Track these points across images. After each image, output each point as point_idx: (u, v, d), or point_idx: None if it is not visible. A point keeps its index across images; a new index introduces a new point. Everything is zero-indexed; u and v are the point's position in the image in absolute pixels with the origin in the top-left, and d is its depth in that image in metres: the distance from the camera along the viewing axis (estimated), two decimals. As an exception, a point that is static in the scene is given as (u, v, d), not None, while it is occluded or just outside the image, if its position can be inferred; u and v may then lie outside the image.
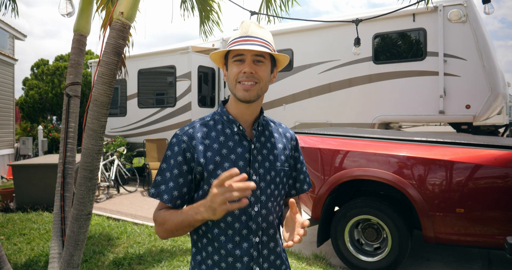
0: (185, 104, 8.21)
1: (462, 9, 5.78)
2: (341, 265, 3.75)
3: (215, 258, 1.20)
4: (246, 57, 1.18)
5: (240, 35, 1.20)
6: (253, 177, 1.21)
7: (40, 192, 6.02)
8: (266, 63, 1.21)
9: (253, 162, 1.22)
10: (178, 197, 1.18)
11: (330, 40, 6.89)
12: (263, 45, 1.18)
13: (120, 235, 4.66)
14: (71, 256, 2.35)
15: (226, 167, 1.18)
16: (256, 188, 1.19)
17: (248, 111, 1.24)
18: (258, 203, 1.21)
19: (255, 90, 1.18)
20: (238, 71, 1.18)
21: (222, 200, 0.98)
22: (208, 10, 4.72)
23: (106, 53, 2.24)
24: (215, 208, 1.00)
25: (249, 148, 1.23)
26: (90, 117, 2.26)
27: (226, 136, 1.22)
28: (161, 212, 1.19)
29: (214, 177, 1.17)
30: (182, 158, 1.19)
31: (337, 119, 6.84)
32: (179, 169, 1.18)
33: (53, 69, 16.24)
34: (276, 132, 1.33)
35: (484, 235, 3.21)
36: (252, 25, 1.22)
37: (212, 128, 1.23)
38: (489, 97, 5.68)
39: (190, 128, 1.23)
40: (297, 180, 1.39)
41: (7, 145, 10.98)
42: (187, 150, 1.19)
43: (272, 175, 1.25)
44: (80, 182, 2.30)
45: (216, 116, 1.27)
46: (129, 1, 2.26)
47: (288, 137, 1.35)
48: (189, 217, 1.09)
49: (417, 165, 3.42)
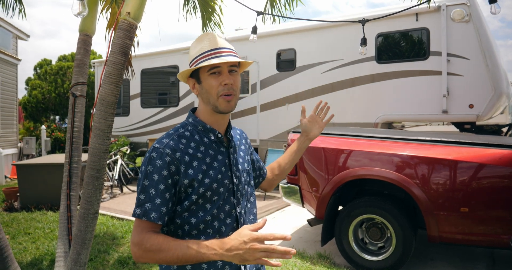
0: (188, 104, 8.24)
1: (465, 8, 5.77)
2: (345, 264, 3.76)
3: (203, 267, 1.20)
4: (223, 69, 1.21)
5: (210, 47, 1.22)
6: (234, 180, 1.27)
7: (44, 192, 6.05)
8: (238, 71, 1.27)
9: (232, 166, 1.28)
10: (166, 213, 1.14)
11: (333, 39, 6.89)
12: (234, 55, 1.23)
13: (125, 234, 4.68)
14: (78, 255, 2.37)
15: (212, 174, 1.21)
16: (236, 190, 1.26)
17: (223, 120, 1.29)
18: (239, 204, 1.27)
19: (233, 101, 1.24)
20: (218, 84, 1.21)
21: (261, 256, 1.00)
22: (210, 11, 4.74)
23: (113, 53, 2.26)
24: (248, 260, 1.01)
25: (227, 153, 1.28)
26: (97, 116, 2.28)
27: (205, 145, 1.24)
28: (152, 238, 1.10)
29: (203, 186, 1.18)
30: (167, 172, 1.14)
31: (340, 118, 6.83)
32: (164, 184, 1.14)
33: (56, 69, 16.29)
34: (236, 134, 1.41)
35: (488, 235, 3.21)
36: (217, 37, 1.26)
37: (190, 139, 1.23)
38: (493, 96, 5.67)
39: (169, 140, 1.19)
40: (260, 168, 1.53)
41: (11, 144, 11.03)
42: (172, 163, 1.15)
43: (245, 176, 1.32)
44: (87, 181, 2.32)
45: (189, 126, 1.26)
46: (136, 1, 2.28)
47: (244, 137, 1.45)
48: (202, 256, 1.05)
49: (421, 164, 3.43)
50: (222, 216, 1.22)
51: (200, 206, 1.19)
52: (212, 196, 1.20)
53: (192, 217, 1.19)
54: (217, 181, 1.21)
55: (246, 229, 1.04)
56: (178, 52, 8.41)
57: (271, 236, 1.00)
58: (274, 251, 0.99)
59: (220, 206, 1.22)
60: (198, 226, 1.19)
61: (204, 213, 1.19)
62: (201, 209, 1.19)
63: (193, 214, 1.19)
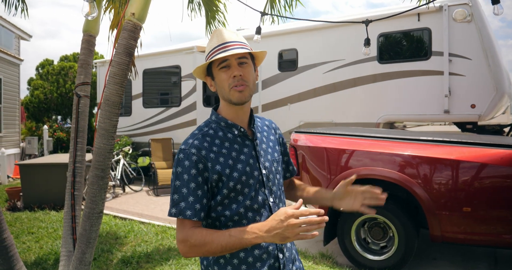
0: (190, 104, 8.25)
1: (467, 8, 5.77)
2: (348, 263, 3.77)
3: (241, 255, 1.24)
4: (231, 62, 1.24)
5: (218, 43, 1.26)
6: (263, 171, 1.29)
7: (47, 191, 6.07)
8: (249, 63, 1.28)
9: (259, 158, 1.30)
10: (201, 209, 1.20)
11: (335, 40, 6.90)
12: (242, 47, 1.25)
13: (127, 234, 4.70)
14: (83, 254, 2.38)
15: (240, 168, 1.25)
16: (267, 181, 1.29)
17: (242, 112, 1.32)
18: (271, 194, 1.30)
19: (246, 91, 1.25)
20: (228, 77, 1.24)
21: (300, 230, 1.04)
22: (214, 10, 4.75)
23: (118, 53, 2.28)
24: (288, 237, 1.06)
25: (253, 146, 1.31)
26: (102, 116, 2.29)
27: (230, 140, 1.28)
28: (195, 233, 1.17)
29: (232, 180, 1.22)
30: (195, 171, 1.20)
31: (341, 118, 6.84)
32: (195, 182, 1.19)
33: (58, 69, 16.32)
34: (264, 125, 1.43)
35: (490, 234, 3.22)
36: (225, 31, 1.29)
37: (214, 136, 1.27)
38: (495, 96, 5.67)
39: (194, 140, 1.24)
40: (289, 163, 1.52)
41: (13, 144, 11.07)
42: (199, 161, 1.20)
43: (274, 166, 1.35)
44: (92, 181, 2.33)
45: (212, 124, 1.31)
46: (140, 2, 2.29)
47: (273, 127, 1.46)
48: (244, 241, 1.11)
49: (423, 164, 3.44)
50: (256, 207, 1.25)
51: (232, 199, 1.23)
52: (243, 189, 1.24)
53: (226, 210, 1.23)
54: (245, 173, 1.25)
55: (282, 209, 1.08)
56: (180, 52, 8.43)
57: (306, 211, 1.05)
58: (311, 223, 1.04)
59: (253, 197, 1.25)
60: (233, 218, 1.23)
61: (237, 205, 1.23)
62: (234, 202, 1.24)
63: (227, 207, 1.23)
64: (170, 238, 4.48)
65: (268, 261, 1.25)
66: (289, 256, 1.33)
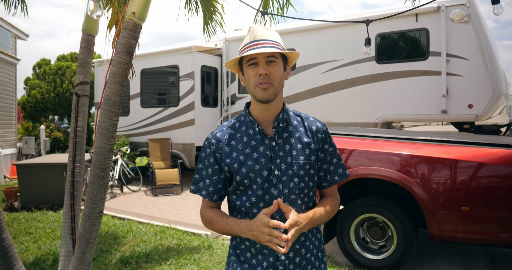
0: (188, 104, 8.24)
1: (465, 9, 5.80)
2: (347, 263, 3.78)
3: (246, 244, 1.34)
4: (259, 60, 1.26)
5: (250, 40, 1.29)
6: (275, 172, 1.28)
7: (44, 191, 6.04)
8: (279, 62, 1.29)
9: (275, 158, 1.29)
10: (214, 192, 1.34)
11: (333, 40, 6.91)
12: (273, 46, 1.25)
13: (126, 234, 4.69)
14: (83, 254, 2.37)
15: (249, 164, 1.28)
16: (278, 182, 1.28)
17: (268, 111, 1.33)
18: (281, 196, 1.28)
19: (271, 90, 1.27)
20: (254, 74, 1.26)
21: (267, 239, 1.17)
22: (212, 11, 4.74)
23: (118, 52, 2.27)
24: (260, 241, 1.20)
25: (270, 145, 1.31)
26: (102, 116, 2.29)
27: (249, 136, 1.32)
28: (208, 211, 1.35)
29: (239, 175, 1.28)
30: (213, 159, 1.34)
31: (340, 118, 6.86)
32: (212, 169, 1.34)
33: (55, 69, 16.26)
34: (301, 126, 1.38)
35: (489, 233, 3.24)
36: (259, 29, 1.30)
37: (238, 130, 1.35)
38: (492, 96, 5.71)
39: (218, 131, 1.36)
40: (327, 172, 1.40)
41: (10, 144, 11.01)
42: (216, 151, 1.33)
43: (294, 169, 1.30)
44: (92, 180, 2.33)
45: (241, 117, 1.38)
46: (141, 2, 2.29)
47: (314, 130, 1.37)
48: (234, 231, 1.27)
49: (422, 163, 3.45)
50: (262, 205, 1.28)
51: (243, 191, 1.31)
52: (251, 184, 1.28)
53: (238, 200, 1.33)
54: (254, 171, 1.28)
55: (262, 213, 1.20)
56: (178, 52, 8.41)
57: (279, 224, 1.17)
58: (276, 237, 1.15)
59: (259, 195, 1.28)
60: (241, 210, 1.31)
61: (246, 199, 1.30)
62: (244, 195, 1.31)
63: (238, 198, 1.32)
64: (169, 238, 4.47)
65: (268, 258, 1.29)
66: (299, 261, 1.29)
